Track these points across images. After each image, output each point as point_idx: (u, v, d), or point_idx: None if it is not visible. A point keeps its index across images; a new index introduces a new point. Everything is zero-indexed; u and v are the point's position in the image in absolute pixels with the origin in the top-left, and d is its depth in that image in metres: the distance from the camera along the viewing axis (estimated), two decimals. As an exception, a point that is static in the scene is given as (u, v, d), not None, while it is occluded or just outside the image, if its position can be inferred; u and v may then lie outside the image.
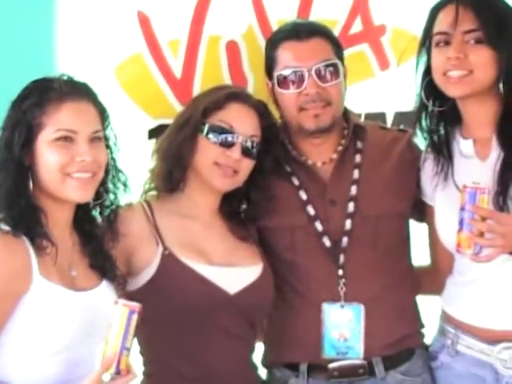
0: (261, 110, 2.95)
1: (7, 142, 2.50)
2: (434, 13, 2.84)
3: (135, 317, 2.39)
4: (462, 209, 2.63)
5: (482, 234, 2.61)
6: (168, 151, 2.90)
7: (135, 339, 2.44)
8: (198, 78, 3.24)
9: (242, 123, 2.89)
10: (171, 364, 2.80)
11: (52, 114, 2.49)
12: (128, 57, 3.21)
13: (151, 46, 3.20)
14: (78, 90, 2.57)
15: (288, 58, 2.98)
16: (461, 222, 2.63)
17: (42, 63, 3.19)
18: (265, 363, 3.04)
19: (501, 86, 2.80)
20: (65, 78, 2.58)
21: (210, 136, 2.84)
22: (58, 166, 2.48)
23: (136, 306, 2.40)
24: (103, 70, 3.19)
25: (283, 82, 2.97)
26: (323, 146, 2.99)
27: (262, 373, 3.02)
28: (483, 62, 2.73)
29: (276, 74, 2.99)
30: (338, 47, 3.04)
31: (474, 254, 2.64)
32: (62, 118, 2.50)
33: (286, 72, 2.95)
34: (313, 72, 2.93)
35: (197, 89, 3.25)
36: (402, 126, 3.29)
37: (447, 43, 2.76)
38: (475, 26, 2.73)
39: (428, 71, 2.86)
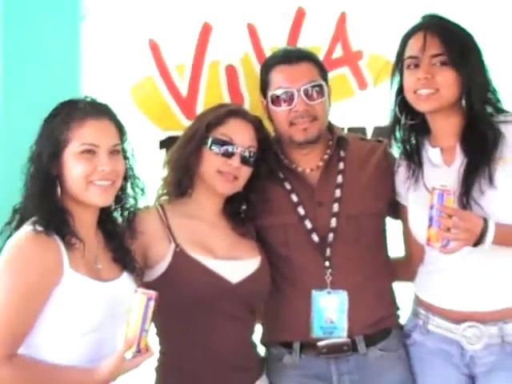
0: (256, 124, 3.19)
1: (38, 155, 2.73)
2: (405, 39, 3.09)
3: (152, 303, 2.62)
4: (431, 208, 2.87)
5: (448, 230, 2.84)
6: (177, 162, 3.14)
7: (152, 322, 2.69)
8: (202, 97, 3.53)
9: (241, 136, 3.12)
10: (182, 346, 3.03)
11: (77, 131, 2.72)
12: (141, 78, 3.52)
13: (161, 69, 3.51)
14: (99, 110, 2.80)
15: (280, 80, 3.22)
16: (430, 219, 2.88)
17: (69, 85, 3.46)
18: (263, 342, 3.28)
19: (463, 102, 3.04)
20: (88, 99, 2.82)
21: (213, 148, 3.07)
22: (83, 175, 2.70)
23: (153, 293, 2.63)
24: (120, 89, 3.48)
25: (276, 100, 3.21)
26: (311, 155, 3.24)
27: (261, 351, 3.25)
28: (448, 81, 2.99)
29: (270, 93, 3.24)
30: (322, 70, 3.29)
31: (442, 246, 2.89)
32: (85, 134, 2.72)
33: (279, 92, 3.19)
34: (301, 92, 3.18)
35: (200, 106, 3.53)
36: (380, 138, 3.51)
37: (417, 66, 3.02)
38: (441, 50, 2.99)
39: (400, 90, 3.11)
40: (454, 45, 3.02)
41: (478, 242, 2.90)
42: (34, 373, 2.68)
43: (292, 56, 3.31)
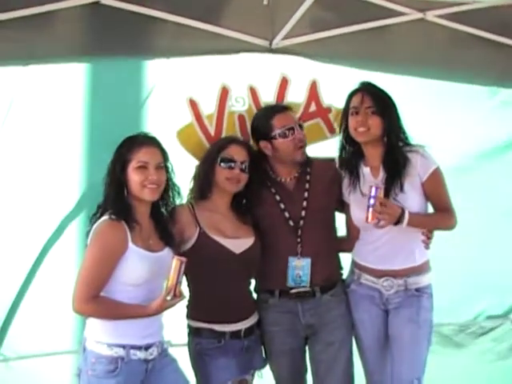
0: (247, 146, 3.81)
1: (113, 170, 3.34)
2: (350, 96, 3.79)
3: (183, 265, 3.20)
4: (369, 198, 3.46)
5: (380, 212, 3.48)
6: (201, 175, 3.76)
7: (183, 277, 3.28)
8: (223, 135, 4.04)
9: (238, 154, 3.72)
10: (204, 292, 3.67)
11: (136, 154, 3.32)
12: (185, 125, 4.03)
13: (197, 117, 4.00)
14: (149, 140, 3.40)
15: (282, 122, 3.82)
16: (368, 206, 3.46)
17: (137, 126, 4.17)
18: (255, 290, 3.88)
19: (385, 138, 3.74)
20: (143, 134, 3.44)
21: (222, 164, 3.70)
22: (139, 181, 3.31)
23: (184, 259, 3.22)
24: (171, 132, 4.00)
25: (283, 134, 3.80)
26: (290, 170, 3.86)
27: (254, 296, 3.87)
28: (376, 124, 3.68)
29: (277, 132, 3.80)
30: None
31: (375, 223, 3.53)
32: (140, 156, 3.32)
33: (284, 128, 3.80)
34: (297, 125, 3.84)
35: (223, 142, 3.94)
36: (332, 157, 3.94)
37: (357, 113, 3.70)
38: (371, 104, 3.68)
39: (346, 129, 3.78)
40: (380, 101, 3.70)
41: (398, 222, 3.56)
42: (109, 307, 3.27)
43: (281, 108, 3.96)
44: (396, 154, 3.70)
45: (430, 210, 3.82)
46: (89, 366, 3.28)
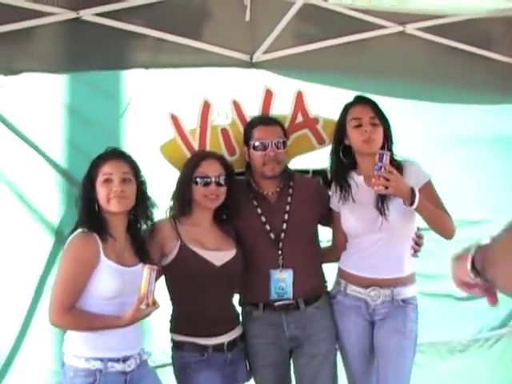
0: (221, 159, 3.76)
1: (83, 188, 3.41)
2: (346, 109, 3.77)
3: (154, 272, 3.17)
4: (376, 164, 3.49)
5: (387, 179, 3.49)
6: (180, 198, 3.76)
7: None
8: (207, 149, 3.99)
9: (212, 170, 3.70)
10: (185, 306, 3.66)
11: (101, 168, 3.36)
12: (168, 139, 4.00)
13: (180, 132, 3.97)
14: (115, 154, 3.41)
15: (259, 135, 3.83)
16: (375, 172, 3.50)
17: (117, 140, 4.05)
18: (240, 303, 3.85)
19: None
20: (109, 149, 3.43)
21: (198, 183, 3.69)
22: (106, 194, 3.33)
23: (155, 266, 3.19)
24: (150, 144, 4.08)
25: (256, 148, 3.82)
26: (272, 183, 3.85)
27: (238, 309, 3.83)
28: (380, 135, 3.72)
29: (252, 143, 3.82)
30: (284, 131, 3.91)
31: (378, 189, 3.54)
32: (105, 169, 3.35)
33: (258, 142, 3.82)
34: (273, 144, 3.80)
35: (207, 156, 3.78)
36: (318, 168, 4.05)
37: (361, 125, 3.67)
38: (374, 115, 3.73)
39: (341, 141, 3.77)
40: (380, 113, 3.77)
41: (412, 203, 3.54)
42: (83, 318, 3.28)
43: (267, 120, 3.89)
44: (392, 164, 3.65)
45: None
46: (68, 380, 3.26)
